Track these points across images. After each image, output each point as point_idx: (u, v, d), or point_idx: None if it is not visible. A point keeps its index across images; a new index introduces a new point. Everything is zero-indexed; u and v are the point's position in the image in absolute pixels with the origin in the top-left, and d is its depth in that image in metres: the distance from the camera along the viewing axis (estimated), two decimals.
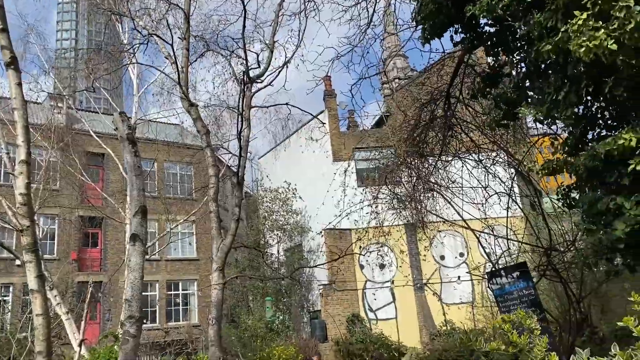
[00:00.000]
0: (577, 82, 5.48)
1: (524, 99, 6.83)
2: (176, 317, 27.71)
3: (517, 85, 6.89)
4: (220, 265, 6.25)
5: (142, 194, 4.12)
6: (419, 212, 12.70)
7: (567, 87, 5.51)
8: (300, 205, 23.74)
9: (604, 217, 5.84)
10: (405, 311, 22.04)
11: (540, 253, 10.78)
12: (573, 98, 5.51)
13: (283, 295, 23.13)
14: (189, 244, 29.03)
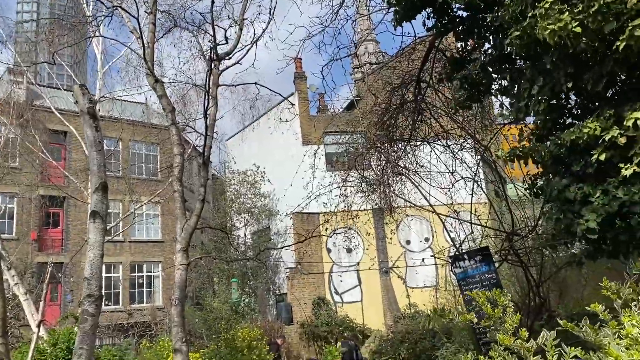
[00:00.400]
0: (552, 77, 5.52)
1: (490, 82, 6.88)
2: (140, 299, 27.36)
3: (483, 68, 6.94)
4: (184, 245, 6.13)
5: (103, 170, 3.98)
6: (387, 196, 12.79)
7: (542, 81, 5.55)
8: (269, 188, 23.61)
9: (572, 205, 5.94)
10: (370, 294, 22.31)
11: (502, 238, 10.99)
12: (547, 92, 5.55)
13: (249, 278, 23.07)
14: (152, 224, 28.57)
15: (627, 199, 5.52)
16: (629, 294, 2.51)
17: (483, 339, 9.62)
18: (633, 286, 2.52)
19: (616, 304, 2.53)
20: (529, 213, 12.06)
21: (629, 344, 2.19)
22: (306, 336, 20.37)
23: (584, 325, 2.47)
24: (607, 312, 2.45)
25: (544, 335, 2.56)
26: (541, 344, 2.54)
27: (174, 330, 5.84)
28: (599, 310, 2.49)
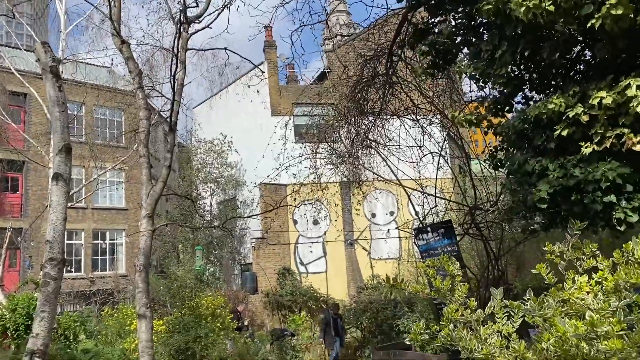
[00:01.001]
0: (515, 44, 5.61)
1: (456, 50, 6.96)
2: (102, 267, 27.01)
3: (451, 35, 7.01)
4: (149, 212, 6.06)
5: (67, 132, 3.86)
6: (356, 168, 12.87)
7: (505, 47, 5.63)
8: (236, 158, 23.41)
9: (530, 178, 6.14)
10: (335, 265, 22.62)
11: (465, 212, 11.25)
12: (508, 58, 5.64)
13: (214, 247, 23.02)
14: (116, 189, 28.02)
15: (583, 178, 5.72)
16: (572, 255, 2.61)
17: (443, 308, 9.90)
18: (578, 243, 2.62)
19: (560, 266, 2.64)
20: (491, 189, 12.36)
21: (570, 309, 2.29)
22: (270, 305, 20.58)
23: (529, 298, 2.56)
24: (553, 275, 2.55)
25: (491, 305, 2.65)
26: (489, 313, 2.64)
27: (138, 296, 5.81)
28: (544, 272, 2.59)
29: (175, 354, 10.92)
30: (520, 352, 2.16)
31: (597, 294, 2.31)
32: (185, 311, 11.94)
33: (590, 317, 2.10)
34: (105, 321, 15.78)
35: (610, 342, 2.02)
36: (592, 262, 2.55)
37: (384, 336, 14.31)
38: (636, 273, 2.23)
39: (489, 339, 2.32)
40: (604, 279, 2.38)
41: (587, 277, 2.44)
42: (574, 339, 2.08)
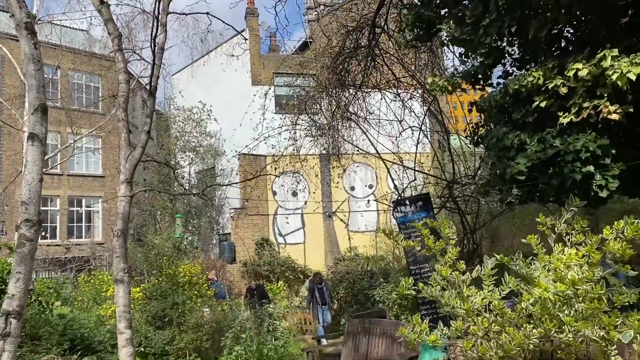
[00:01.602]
0: (501, 19, 5.62)
1: (441, 21, 6.96)
2: (78, 234, 26.75)
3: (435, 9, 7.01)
4: (128, 177, 6.00)
5: (42, 91, 3.78)
6: (336, 141, 12.88)
7: (490, 20, 5.64)
8: (215, 127, 23.18)
9: (508, 152, 6.24)
10: (313, 237, 22.80)
11: (443, 186, 11.41)
12: (493, 31, 5.66)
13: (192, 216, 22.95)
14: (93, 154, 27.57)
15: (562, 148, 5.83)
16: (564, 229, 2.70)
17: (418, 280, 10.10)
18: (569, 220, 2.70)
19: (550, 238, 2.72)
20: (470, 164, 12.54)
21: (556, 277, 2.38)
22: (248, 275, 20.72)
23: (518, 258, 2.66)
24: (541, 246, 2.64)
25: (478, 269, 2.74)
26: (476, 276, 2.72)
27: (116, 261, 5.80)
28: (534, 243, 2.68)
29: (152, 320, 10.98)
30: (500, 308, 2.24)
31: (583, 266, 2.40)
32: (163, 279, 11.97)
33: (572, 276, 2.19)
34: (82, 288, 15.75)
35: (588, 303, 2.11)
36: (581, 237, 2.64)
37: (360, 306, 14.59)
38: (625, 248, 2.33)
39: (471, 297, 2.40)
40: (591, 252, 2.47)
41: (575, 250, 2.53)
42: (552, 298, 2.16)
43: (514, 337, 2.15)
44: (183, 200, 22.54)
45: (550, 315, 2.25)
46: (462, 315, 2.39)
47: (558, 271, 2.31)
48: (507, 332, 2.26)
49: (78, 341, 8.85)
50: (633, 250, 2.30)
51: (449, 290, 2.53)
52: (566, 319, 2.09)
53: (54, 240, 25.61)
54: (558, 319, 2.20)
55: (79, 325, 9.36)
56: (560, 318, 2.17)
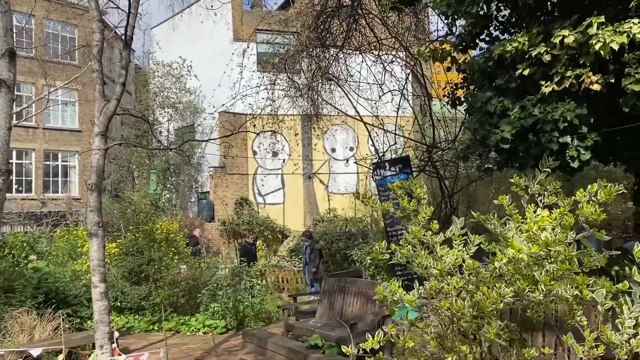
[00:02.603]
0: None
1: None
2: (55, 189, 26.33)
3: None
4: (102, 129, 5.85)
5: (10, 34, 3.61)
6: (315, 101, 12.75)
7: None
8: (195, 84, 22.73)
9: (491, 118, 6.24)
10: (292, 197, 22.85)
11: (422, 150, 11.45)
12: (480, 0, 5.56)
13: (171, 174, 22.74)
14: (69, 112, 26.93)
15: (541, 117, 5.86)
16: (537, 190, 2.72)
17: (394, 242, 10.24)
18: (542, 181, 2.72)
19: (523, 199, 2.74)
20: (450, 129, 12.55)
21: (529, 238, 2.40)
22: (227, 233, 20.78)
23: (492, 218, 2.67)
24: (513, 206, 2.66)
25: (452, 229, 2.75)
26: (449, 236, 2.73)
27: (90, 214, 5.72)
28: (506, 204, 2.69)
29: (128, 275, 10.98)
30: (474, 268, 2.26)
31: (555, 228, 2.41)
32: (140, 235, 11.91)
33: (545, 237, 2.20)
34: (57, 243, 15.61)
35: (559, 264, 2.14)
36: (554, 199, 2.65)
37: (337, 266, 14.80)
38: (598, 212, 2.34)
39: (444, 257, 2.41)
40: (565, 214, 2.48)
41: (548, 212, 2.54)
42: (526, 258, 2.18)
43: (488, 296, 2.18)
44: (161, 157, 22.28)
45: (523, 275, 2.28)
46: (435, 275, 2.40)
47: (531, 233, 2.33)
48: (481, 291, 2.28)
49: (53, 294, 8.82)
50: (606, 214, 2.32)
51: (422, 251, 2.53)
52: (541, 278, 2.12)
53: (29, 194, 25.20)
54: (531, 279, 2.22)
55: (54, 279, 9.31)
56: (533, 277, 2.20)
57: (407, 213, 2.78)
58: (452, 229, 2.70)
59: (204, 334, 9.82)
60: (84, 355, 7.08)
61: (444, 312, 2.36)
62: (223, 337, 9.58)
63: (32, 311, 8.19)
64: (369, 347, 2.50)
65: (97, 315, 5.60)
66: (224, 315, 10.11)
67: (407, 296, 2.35)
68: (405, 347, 2.46)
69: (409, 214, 2.77)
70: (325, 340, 7.17)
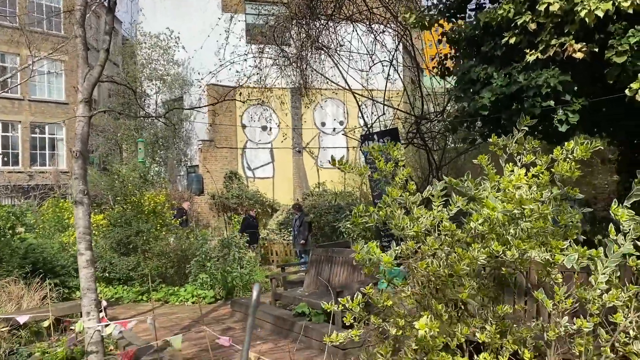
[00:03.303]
0: None
1: None
2: (42, 162, 26.11)
3: None
4: (86, 96, 5.77)
5: None
6: (304, 71, 12.63)
7: None
8: (183, 55, 22.39)
9: (474, 85, 6.23)
10: (282, 171, 22.83)
11: (411, 122, 11.44)
12: None
13: (159, 147, 22.57)
14: (56, 84, 26.53)
15: (525, 84, 5.86)
16: (515, 149, 2.73)
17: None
18: (520, 140, 2.73)
19: (501, 159, 2.76)
20: (439, 101, 12.54)
21: (504, 197, 2.43)
22: (216, 207, 20.79)
23: (466, 179, 2.69)
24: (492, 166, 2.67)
25: (428, 189, 2.76)
26: (426, 197, 2.74)
27: (75, 182, 5.68)
28: (485, 164, 2.70)
29: (116, 246, 10.99)
30: (450, 229, 2.28)
31: (532, 187, 2.43)
32: (128, 206, 11.88)
33: (520, 196, 2.22)
34: (43, 216, 15.53)
35: (534, 222, 2.16)
36: (532, 158, 2.67)
37: (326, 238, 14.90)
38: (573, 169, 2.36)
39: (421, 218, 2.43)
40: (541, 173, 2.50)
41: (525, 170, 2.56)
42: (501, 218, 2.20)
43: (463, 257, 2.20)
44: (149, 129, 22.09)
45: (497, 235, 2.31)
46: (411, 236, 2.43)
47: (507, 191, 2.35)
48: (456, 252, 2.31)
49: (40, 265, 8.82)
50: (580, 172, 2.34)
51: (399, 210, 2.55)
52: (514, 242, 2.15)
53: (16, 167, 24.98)
54: (505, 239, 2.25)
55: (41, 250, 9.29)
56: (507, 238, 2.23)
57: (385, 175, 2.79)
58: (431, 189, 2.71)
59: (192, 303, 9.90)
60: (70, 322, 7.13)
61: (420, 272, 2.39)
62: (212, 306, 9.67)
63: (19, 281, 8.20)
64: (351, 306, 2.54)
65: (83, 282, 5.60)
66: (212, 285, 10.18)
67: (385, 257, 2.37)
68: (385, 306, 2.50)
69: (386, 175, 2.78)
70: (312, 308, 7.27)
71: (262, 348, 6.72)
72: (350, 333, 2.57)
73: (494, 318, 2.43)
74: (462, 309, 2.36)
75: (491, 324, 2.38)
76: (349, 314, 2.59)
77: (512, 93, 5.99)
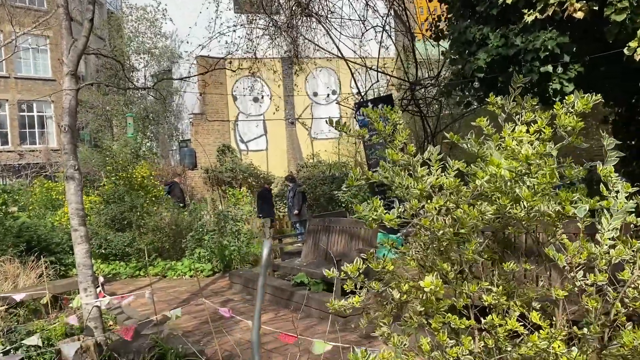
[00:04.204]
0: None
1: None
2: (32, 140, 25.80)
3: None
4: (72, 68, 5.60)
5: None
6: (296, 40, 12.39)
7: None
8: (171, 28, 21.95)
9: (470, 46, 6.10)
10: (275, 143, 22.68)
11: (405, 88, 11.28)
12: None
13: (150, 122, 22.31)
14: (42, 61, 26.02)
15: (523, 47, 5.73)
16: (513, 108, 2.64)
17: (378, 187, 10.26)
18: (518, 99, 2.64)
19: (500, 118, 2.67)
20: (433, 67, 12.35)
21: (507, 155, 2.35)
22: (210, 181, 20.68)
23: (469, 138, 2.60)
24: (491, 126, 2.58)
25: (430, 150, 2.67)
26: (427, 157, 2.66)
27: (65, 157, 5.55)
28: (484, 125, 2.61)
29: (111, 223, 10.91)
30: (454, 185, 2.20)
31: (533, 142, 2.35)
32: (120, 182, 11.75)
33: (526, 150, 2.14)
34: (33, 196, 15.35)
35: (540, 178, 2.08)
36: (531, 116, 2.58)
37: (322, 208, 14.88)
38: (576, 121, 2.28)
39: (425, 177, 2.34)
40: (543, 128, 2.41)
41: (525, 127, 2.47)
42: (507, 175, 2.13)
43: (469, 213, 2.12)
44: (139, 105, 21.79)
45: (503, 192, 2.23)
46: (415, 195, 2.34)
47: (510, 148, 2.27)
48: (462, 209, 2.22)
49: (35, 243, 8.73)
50: (584, 123, 2.26)
51: (401, 172, 2.47)
52: (523, 194, 2.07)
53: (6, 146, 24.69)
54: (512, 195, 2.17)
55: (35, 227, 9.20)
56: (515, 195, 2.15)
57: (383, 137, 2.69)
58: (430, 150, 2.63)
59: (190, 277, 9.89)
60: (67, 299, 7.10)
61: (423, 232, 2.32)
62: (210, 279, 9.67)
63: (14, 260, 8.12)
64: (350, 271, 2.47)
65: (79, 258, 5.53)
66: (210, 259, 10.16)
67: (387, 215, 2.29)
68: (386, 271, 2.43)
69: (384, 138, 2.69)
70: (310, 278, 7.26)
71: (263, 318, 6.72)
72: (351, 300, 2.52)
73: (499, 279, 2.38)
74: (467, 271, 2.31)
75: (497, 285, 2.33)
76: (350, 281, 2.52)
77: (509, 55, 5.87)
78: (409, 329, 2.32)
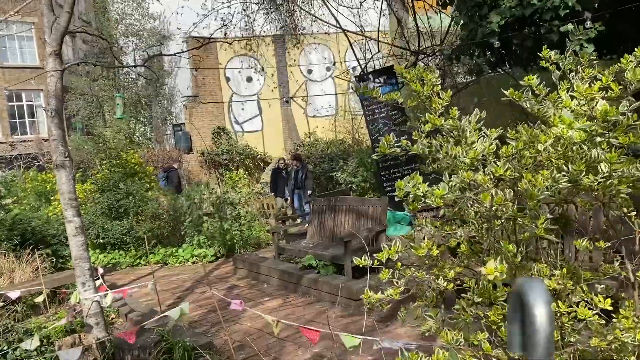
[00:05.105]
0: None
1: None
2: (22, 131, 25.26)
3: None
4: (55, 48, 5.18)
5: None
6: (293, 13, 11.90)
7: None
8: (158, 8, 21.28)
9: (480, 9, 5.69)
10: (271, 123, 22.21)
11: (407, 58, 10.85)
12: None
13: (142, 107, 21.79)
14: (29, 48, 25.34)
15: (540, 5, 5.33)
16: (569, 64, 2.28)
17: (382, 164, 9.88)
18: (572, 55, 2.28)
19: (554, 75, 2.31)
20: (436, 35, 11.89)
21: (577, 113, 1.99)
22: (206, 164, 20.29)
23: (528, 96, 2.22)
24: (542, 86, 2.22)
25: (468, 117, 2.32)
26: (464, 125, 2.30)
27: (54, 144, 5.17)
28: (534, 84, 2.25)
29: (108, 211, 10.54)
30: (518, 148, 1.84)
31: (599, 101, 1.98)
32: (114, 169, 11.34)
33: (603, 105, 1.77)
34: (27, 185, 14.95)
35: (621, 137, 1.73)
36: (591, 72, 2.19)
37: (322, 188, 14.53)
38: None
39: (475, 144, 1.98)
40: (608, 85, 2.04)
41: (587, 85, 2.09)
42: (576, 136, 1.76)
43: (536, 181, 1.75)
44: (131, 89, 21.25)
45: (569, 159, 1.87)
46: (465, 166, 1.97)
47: (578, 107, 1.91)
48: (526, 179, 1.84)
49: (29, 235, 8.37)
50: None
51: (446, 140, 2.10)
52: (607, 155, 1.70)
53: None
54: (587, 160, 1.80)
55: (28, 220, 8.82)
56: (589, 159, 1.78)
57: (421, 99, 2.32)
58: (469, 117, 2.26)
59: (192, 263, 9.59)
60: (66, 292, 6.78)
61: (478, 208, 1.97)
62: (213, 265, 9.36)
63: (9, 254, 7.78)
64: (384, 258, 2.14)
65: (74, 251, 5.19)
66: (211, 244, 9.85)
67: (437, 190, 1.94)
68: (430, 255, 2.09)
69: (422, 100, 2.32)
70: (319, 260, 6.95)
71: (272, 304, 6.42)
72: (388, 293, 2.18)
73: (562, 260, 2.04)
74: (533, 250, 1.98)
75: (560, 267, 1.99)
76: (385, 270, 2.17)
77: (525, 16, 5.46)
78: (462, 323, 1.99)
